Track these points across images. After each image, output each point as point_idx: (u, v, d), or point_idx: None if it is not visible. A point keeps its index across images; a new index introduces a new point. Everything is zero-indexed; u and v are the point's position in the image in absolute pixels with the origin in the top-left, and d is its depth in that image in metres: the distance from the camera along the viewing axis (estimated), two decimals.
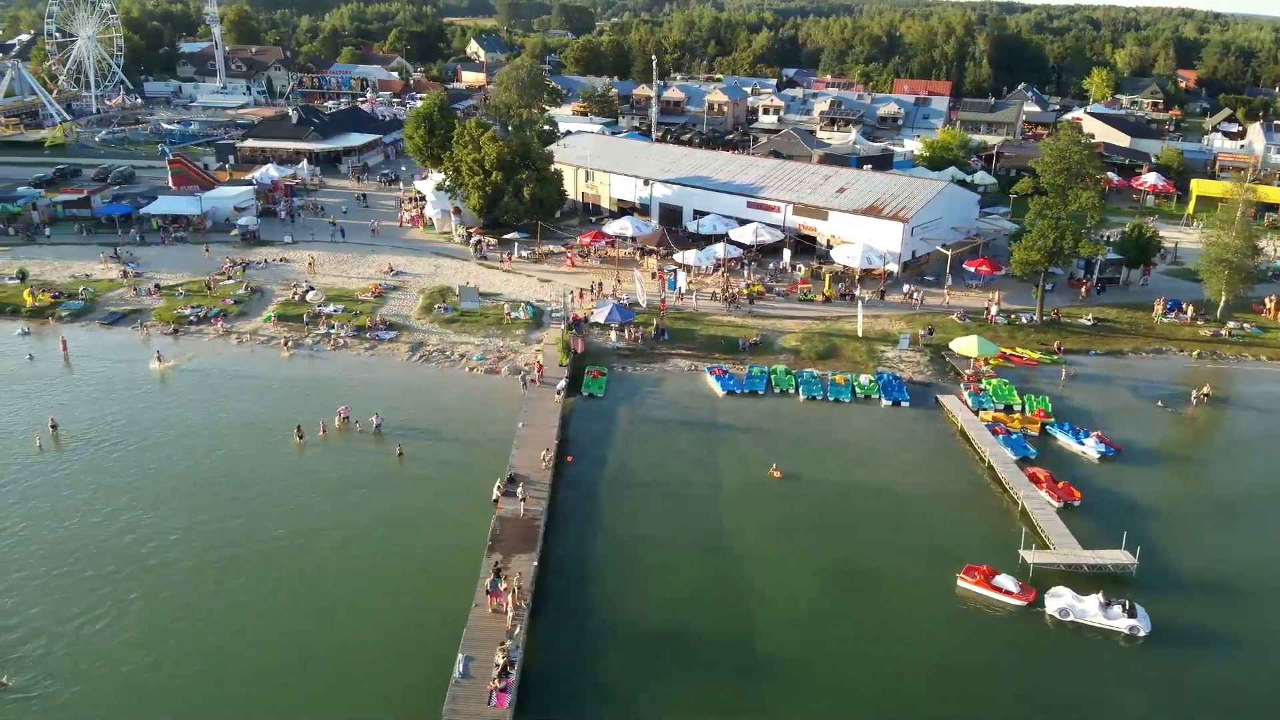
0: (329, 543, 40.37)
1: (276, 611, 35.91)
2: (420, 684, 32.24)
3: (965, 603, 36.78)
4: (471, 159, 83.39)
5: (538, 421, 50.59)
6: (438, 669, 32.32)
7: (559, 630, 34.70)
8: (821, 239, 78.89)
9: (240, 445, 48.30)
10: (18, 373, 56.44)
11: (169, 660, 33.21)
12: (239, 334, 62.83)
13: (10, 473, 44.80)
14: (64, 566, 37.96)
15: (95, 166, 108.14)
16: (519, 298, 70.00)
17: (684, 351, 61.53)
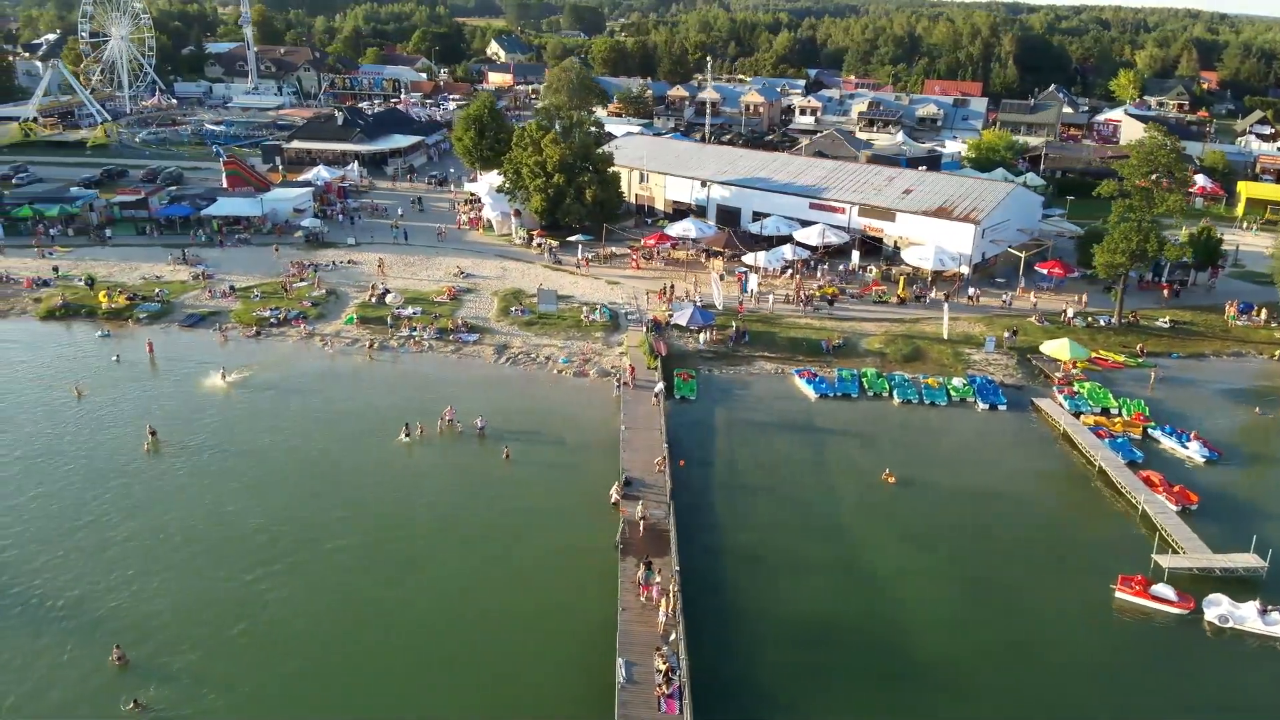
0: (457, 544, 40.29)
1: (423, 615, 35.74)
2: (579, 689, 32.21)
3: (1122, 612, 36.61)
4: (533, 161, 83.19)
5: (640, 424, 50.44)
6: (594, 673, 32.40)
7: (709, 635, 34.47)
8: (888, 240, 78.72)
9: (346, 448, 48.11)
10: (108, 375, 56.24)
11: (320, 666, 33.07)
12: (322, 336, 62.64)
13: (121, 478, 44.58)
14: (194, 574, 37.77)
15: (140, 167, 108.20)
16: (591, 300, 69.81)
17: (767, 354, 61.37)
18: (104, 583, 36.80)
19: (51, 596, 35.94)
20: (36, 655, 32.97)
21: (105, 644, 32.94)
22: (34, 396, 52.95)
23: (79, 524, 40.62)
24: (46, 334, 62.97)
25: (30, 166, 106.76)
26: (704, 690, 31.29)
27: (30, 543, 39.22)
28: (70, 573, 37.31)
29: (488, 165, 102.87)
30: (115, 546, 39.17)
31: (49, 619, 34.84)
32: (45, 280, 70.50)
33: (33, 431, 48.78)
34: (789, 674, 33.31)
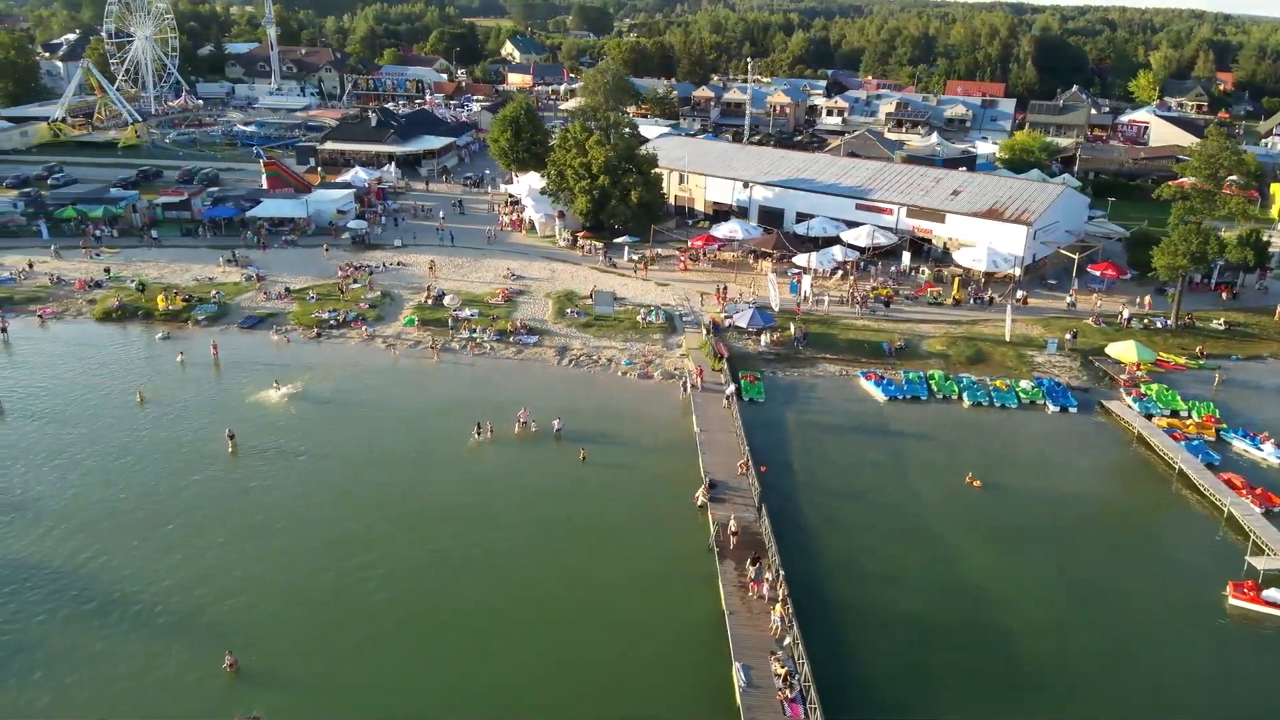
0: (548, 547, 40.23)
1: (529, 617, 35.63)
2: (695, 692, 32.25)
3: (1235, 617, 36.56)
4: (578, 163, 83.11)
5: (714, 427, 50.39)
6: (704, 675, 32.65)
7: (821, 638, 34.34)
8: (937, 242, 78.65)
9: (424, 450, 48.06)
10: (175, 377, 56.16)
11: (431, 670, 33.01)
12: (384, 338, 62.56)
13: (208, 483, 44.46)
14: (295, 578, 37.71)
15: (173, 168, 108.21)
16: (644, 302, 69.75)
17: (829, 356, 61.27)
18: (207, 588, 36.72)
19: (158, 601, 35.89)
20: (149, 662, 32.87)
21: (215, 649, 32.78)
22: (103, 399, 52.86)
23: (172, 529, 40.57)
24: (105, 335, 62.91)
25: (64, 167, 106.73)
26: (825, 693, 31.14)
27: (127, 547, 39.11)
28: (171, 577, 37.26)
29: (524, 167, 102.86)
30: (213, 551, 39.09)
31: (156, 624, 34.77)
32: (98, 282, 70.43)
33: (110, 434, 48.72)
34: (902, 675, 33.30)
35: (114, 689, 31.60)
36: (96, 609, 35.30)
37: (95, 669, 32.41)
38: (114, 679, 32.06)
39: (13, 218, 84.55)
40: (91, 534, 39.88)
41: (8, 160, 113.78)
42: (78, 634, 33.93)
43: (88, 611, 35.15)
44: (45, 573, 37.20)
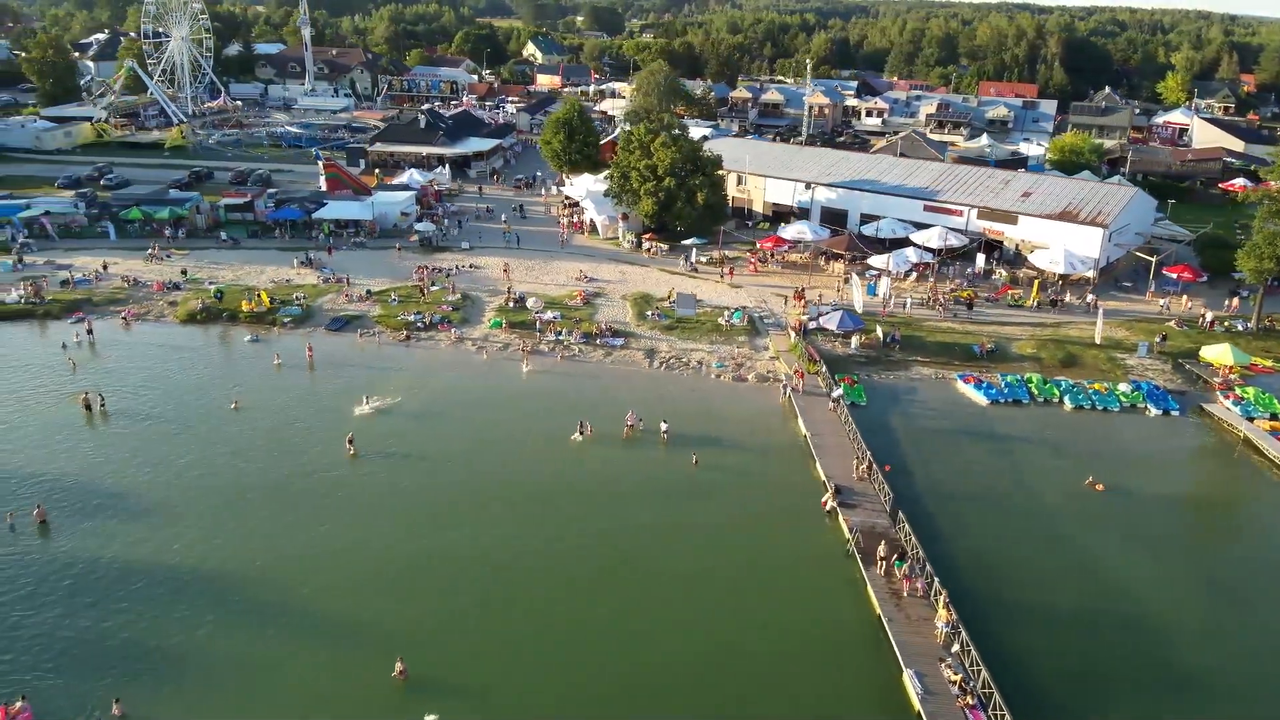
0: (683, 552, 40.06)
1: (681, 622, 35.48)
2: (865, 700, 32.10)
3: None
4: (643, 165, 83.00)
5: (824, 430, 50.28)
6: (865, 680, 32.81)
7: (982, 643, 34.17)
8: (1009, 243, 78.53)
9: (540, 452, 47.89)
10: (275, 380, 56.01)
11: (593, 675, 32.85)
12: (473, 341, 62.42)
13: (340, 488, 44.28)
14: (442, 581, 37.61)
15: (222, 169, 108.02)
16: (719, 304, 69.63)
17: (920, 359, 61.15)
18: (365, 593, 36.59)
19: (317, 608, 35.75)
20: (317, 670, 32.71)
21: (384, 656, 32.59)
22: (207, 402, 52.64)
23: (309, 533, 40.43)
24: (193, 337, 62.79)
25: (113, 167, 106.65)
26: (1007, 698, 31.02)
27: (269, 553, 38.99)
28: (323, 581, 37.11)
29: (576, 168, 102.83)
30: (366, 557, 38.92)
31: (321, 631, 34.63)
32: (175, 284, 70.21)
33: (221, 437, 48.52)
34: (1074, 679, 33.14)
35: (284, 698, 31.40)
36: (256, 616, 35.12)
37: (264, 677, 32.24)
38: (283, 687, 31.89)
39: (75, 219, 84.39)
40: (229, 540, 39.73)
41: (54, 160, 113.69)
42: (242, 641, 33.76)
43: (248, 619, 34.96)
44: (194, 579, 37.02)
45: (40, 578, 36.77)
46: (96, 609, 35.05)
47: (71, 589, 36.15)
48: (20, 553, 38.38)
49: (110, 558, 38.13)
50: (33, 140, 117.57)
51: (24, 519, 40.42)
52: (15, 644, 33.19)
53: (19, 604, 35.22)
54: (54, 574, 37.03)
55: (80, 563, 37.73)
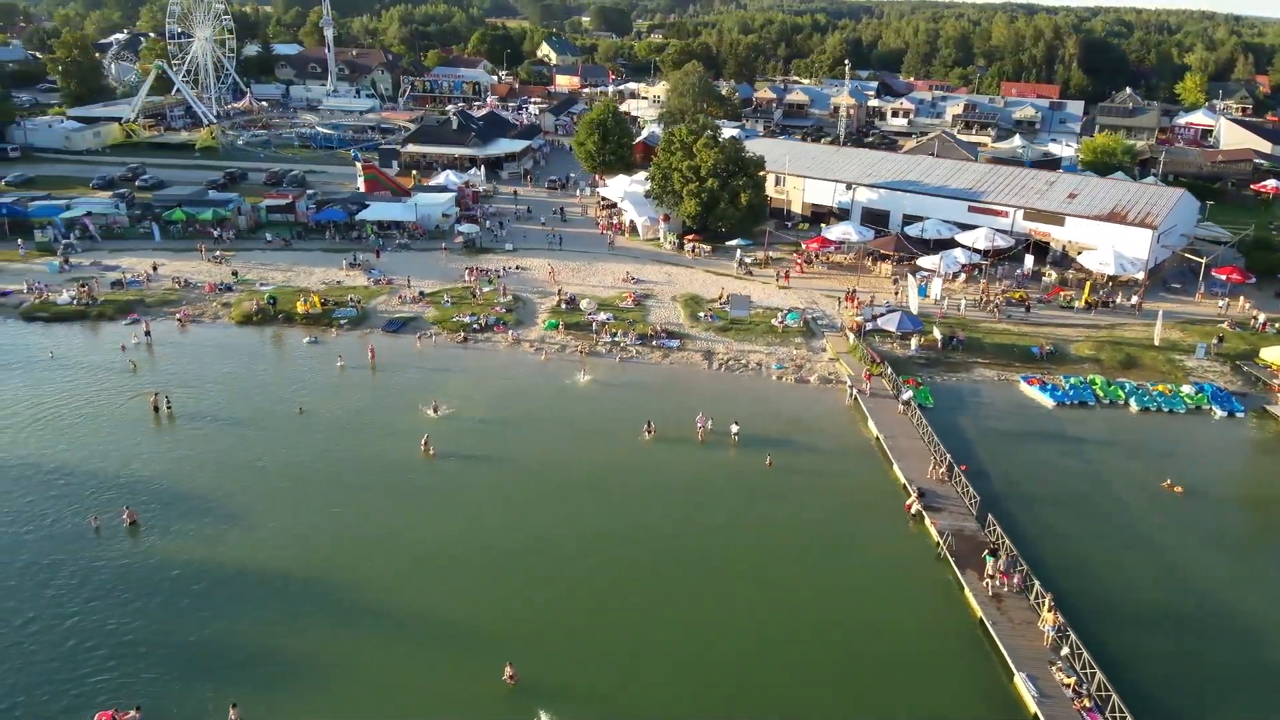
0: (772, 554, 40.01)
1: (776, 625, 35.46)
2: (976, 704, 32.06)
3: None
4: (685, 166, 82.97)
5: (896, 432, 50.23)
6: (984, 687, 32.70)
7: (1090, 645, 34.15)
8: (1055, 245, 78.47)
9: (610, 452, 47.84)
10: (339, 381, 55.95)
11: (701, 679, 32.77)
12: (530, 342, 62.35)
13: (418, 491, 44.28)
14: (537, 584, 37.54)
15: (258, 170, 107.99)
16: (768, 305, 69.54)
17: (980, 360, 61.09)
18: (467, 595, 36.57)
19: (422, 609, 35.71)
20: (427, 674, 32.66)
21: (491, 660, 32.49)
22: (273, 404, 52.66)
23: (406, 535, 40.41)
24: (251, 339, 62.73)
25: (145, 168, 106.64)
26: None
27: (371, 554, 38.94)
28: (423, 582, 37.11)
29: (610, 170, 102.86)
30: (459, 558, 38.92)
31: (425, 633, 34.59)
32: (227, 285, 70.16)
33: (292, 439, 48.52)
34: (1184, 680, 33.19)
35: (395, 701, 31.32)
36: (361, 618, 35.06)
37: (374, 680, 32.14)
38: (394, 691, 31.78)
39: (116, 219, 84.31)
40: (321, 541, 39.70)
41: (85, 161, 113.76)
42: (349, 644, 33.68)
43: (353, 621, 34.90)
44: (292, 581, 36.98)
45: (136, 581, 36.71)
46: (198, 612, 35.00)
47: (170, 592, 36.10)
48: (113, 557, 38.29)
49: (203, 560, 38.09)
50: (62, 140, 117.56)
51: (111, 522, 40.26)
52: (120, 649, 33.08)
53: (118, 609, 35.13)
54: (149, 577, 36.95)
55: (174, 565, 37.68)
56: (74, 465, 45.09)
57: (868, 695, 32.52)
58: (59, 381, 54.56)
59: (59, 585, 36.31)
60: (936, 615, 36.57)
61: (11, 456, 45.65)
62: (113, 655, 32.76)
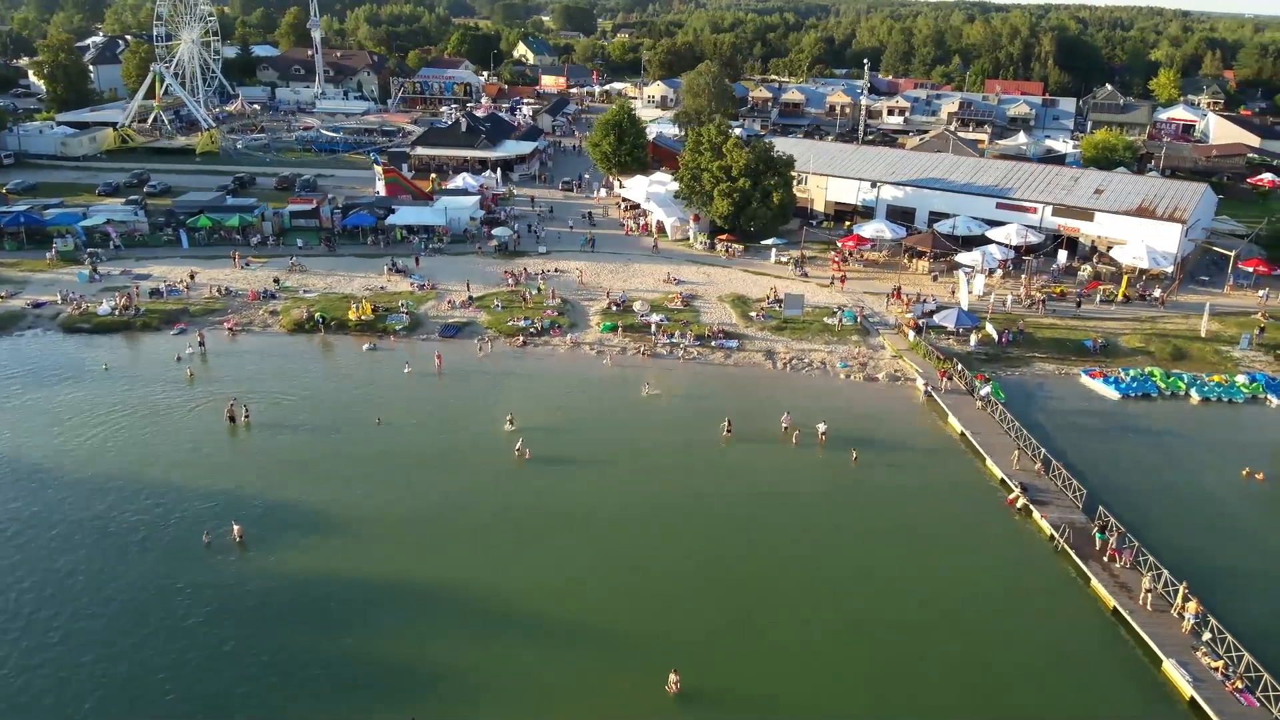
0: (889, 553, 40.48)
1: (917, 624, 35.81)
2: (1129, 693, 32.77)
3: None
4: (716, 166, 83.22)
5: (982, 428, 50.91)
6: (1131, 675, 33.52)
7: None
8: (1085, 240, 79.99)
9: (703, 454, 48.04)
10: (409, 388, 55.30)
11: (860, 684, 33.17)
12: (589, 345, 62.15)
13: (502, 498, 44.00)
14: (665, 594, 37.53)
15: (264, 175, 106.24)
16: (816, 304, 70.01)
17: (1038, 354, 62.12)
18: (604, 603, 36.48)
19: (561, 618, 35.52)
20: (585, 684, 32.50)
21: (655, 668, 32.40)
22: (347, 410, 51.82)
23: (524, 542, 40.19)
24: (307, 347, 61.74)
25: (150, 174, 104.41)
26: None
27: (494, 564, 38.65)
28: (552, 591, 36.94)
29: (625, 170, 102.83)
30: (584, 566, 38.76)
31: (571, 642, 34.44)
32: (271, 293, 68.98)
33: (377, 445, 47.84)
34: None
35: (555, 712, 31.17)
36: (503, 629, 34.74)
37: (531, 693, 31.90)
38: (554, 702, 31.57)
39: (136, 226, 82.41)
40: (440, 553, 39.35)
41: (83, 167, 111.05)
42: (497, 656, 33.36)
43: (496, 632, 34.57)
44: (424, 595, 36.56)
45: (259, 597, 35.95)
46: (346, 627, 34.47)
47: (292, 609, 35.39)
48: (229, 574, 37.43)
49: (335, 574, 37.47)
50: (58, 147, 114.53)
51: (222, 537, 39.42)
52: (265, 670, 32.43)
53: (252, 624, 34.47)
54: (270, 592, 36.21)
55: (305, 581, 37.00)
56: (162, 479, 44.06)
57: (1018, 688, 33.04)
58: (121, 394, 53.29)
59: (187, 602, 35.49)
60: (1069, 608, 37.24)
61: (97, 472, 44.49)
62: (260, 676, 32.13)
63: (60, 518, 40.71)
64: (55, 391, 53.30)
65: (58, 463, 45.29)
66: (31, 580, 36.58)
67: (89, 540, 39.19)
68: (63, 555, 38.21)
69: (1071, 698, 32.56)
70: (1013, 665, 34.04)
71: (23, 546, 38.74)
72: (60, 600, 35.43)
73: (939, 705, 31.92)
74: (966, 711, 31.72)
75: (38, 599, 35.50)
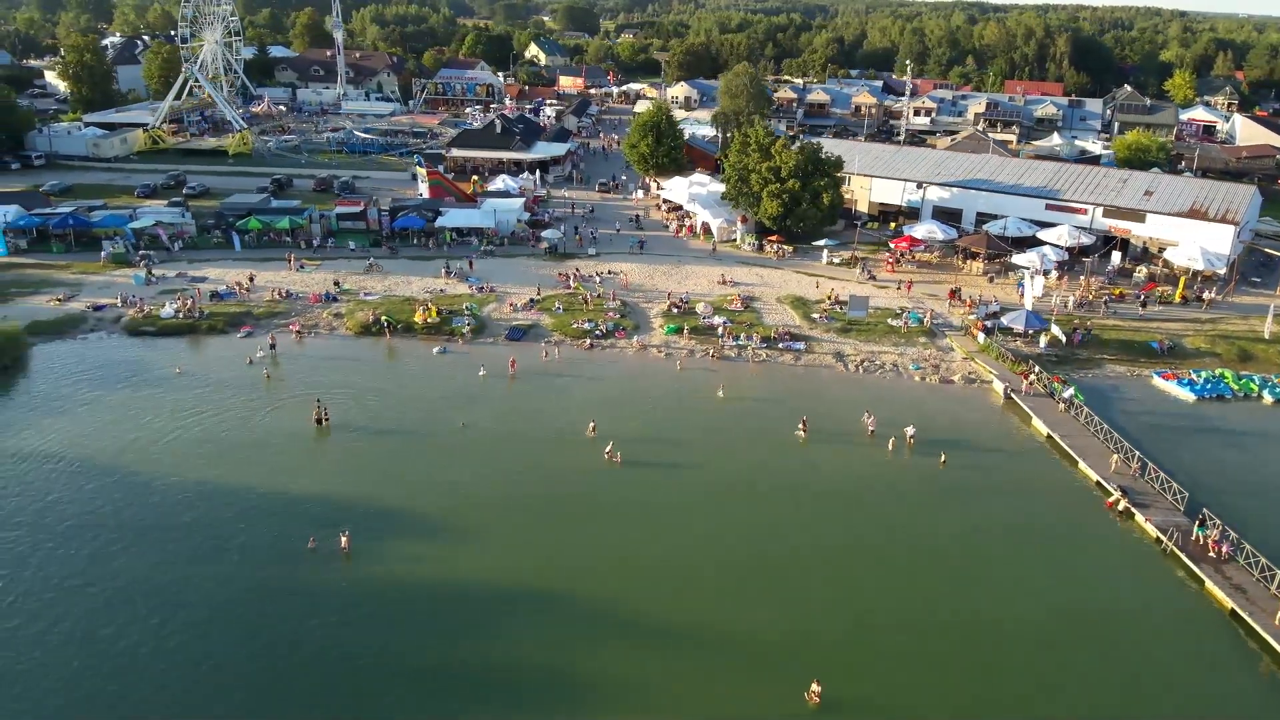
0: (997, 555, 40.61)
1: (1035, 625, 35.98)
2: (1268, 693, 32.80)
3: None
4: (764, 167, 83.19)
5: (1069, 431, 50.94)
6: (1260, 671, 33.64)
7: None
8: (1136, 241, 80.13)
9: (791, 455, 48.10)
10: (486, 391, 55.10)
11: (991, 692, 33.21)
12: (657, 348, 62.05)
13: (602, 499, 44.10)
14: (787, 596, 37.54)
15: (301, 176, 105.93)
16: (878, 306, 70.05)
17: (1107, 356, 62.21)
18: (732, 608, 36.40)
19: (688, 622, 35.44)
20: (719, 684, 32.42)
21: (791, 675, 32.30)
22: (431, 415, 51.56)
23: (635, 544, 40.17)
24: (375, 350, 61.51)
25: (186, 176, 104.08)
26: None
27: (608, 567, 38.64)
28: (673, 593, 36.93)
29: (662, 172, 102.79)
30: (699, 567, 38.74)
31: (702, 648, 34.34)
32: (332, 295, 68.74)
33: (476, 450, 47.74)
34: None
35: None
36: (624, 633, 34.75)
37: (663, 700, 31.84)
38: (690, 707, 31.49)
39: (184, 228, 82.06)
40: (552, 556, 39.22)
41: (115, 168, 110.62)
42: (624, 662, 33.37)
43: (620, 638, 34.58)
44: (553, 601, 36.41)
45: (374, 602, 35.80)
46: (477, 634, 34.35)
47: (412, 615, 35.24)
48: (340, 579, 37.25)
49: (435, 580, 37.32)
50: (89, 148, 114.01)
51: (328, 544, 39.07)
52: (414, 674, 32.34)
53: (370, 630, 34.28)
54: (386, 599, 36.08)
55: (408, 587, 36.81)
56: (255, 483, 43.79)
57: (1147, 688, 33.15)
58: (200, 397, 52.97)
59: (301, 609, 35.30)
60: (1186, 610, 37.28)
61: (189, 476, 44.18)
62: (389, 685, 32.01)
63: (159, 522, 40.56)
64: (132, 395, 53.00)
65: (148, 467, 44.99)
66: (145, 584, 36.38)
67: (205, 546, 38.98)
68: (176, 560, 38.02)
69: (1204, 700, 32.61)
70: (1147, 669, 34.05)
71: (132, 549, 38.52)
72: (175, 605, 35.25)
73: (1072, 706, 31.92)
74: (1102, 713, 31.71)
75: (158, 603, 35.31)
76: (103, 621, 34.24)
